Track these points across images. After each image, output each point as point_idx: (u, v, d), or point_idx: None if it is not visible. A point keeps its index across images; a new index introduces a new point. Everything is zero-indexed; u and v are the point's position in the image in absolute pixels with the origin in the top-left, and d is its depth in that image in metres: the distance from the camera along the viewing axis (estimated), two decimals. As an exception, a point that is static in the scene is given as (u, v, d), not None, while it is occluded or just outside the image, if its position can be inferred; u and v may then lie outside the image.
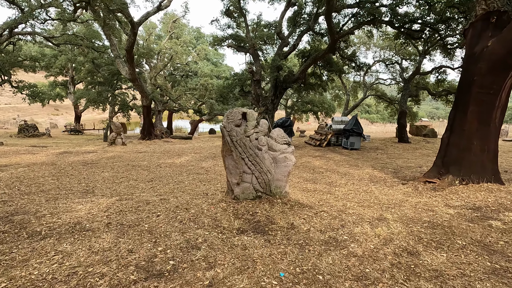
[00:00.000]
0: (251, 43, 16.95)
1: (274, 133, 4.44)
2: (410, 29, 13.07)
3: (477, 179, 5.39)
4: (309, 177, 7.92)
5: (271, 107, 17.60)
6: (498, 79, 5.05)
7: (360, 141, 13.28)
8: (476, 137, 5.41)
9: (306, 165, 9.94)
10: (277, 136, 4.40)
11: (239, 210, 3.95)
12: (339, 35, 13.95)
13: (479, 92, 5.24)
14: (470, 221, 3.92)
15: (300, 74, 17.13)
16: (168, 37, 25.00)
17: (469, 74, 5.43)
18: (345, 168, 9.34)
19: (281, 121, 13.10)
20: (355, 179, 7.74)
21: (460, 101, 5.65)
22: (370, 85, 24.20)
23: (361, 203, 4.75)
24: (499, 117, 5.47)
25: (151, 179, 7.29)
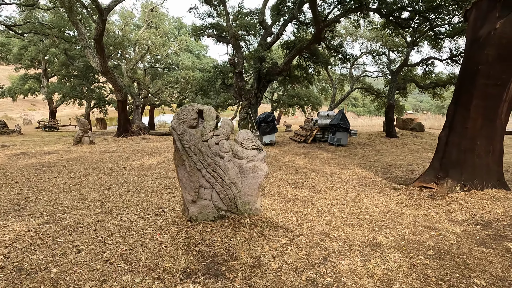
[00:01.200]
0: (231, 33, 15.84)
1: (240, 136, 3.51)
2: (398, 17, 12.32)
3: (480, 184, 4.66)
4: (291, 180, 7.07)
5: (254, 101, 16.64)
6: (507, 68, 4.28)
7: (347, 137, 12.55)
8: (480, 136, 4.66)
9: (289, 164, 9.09)
10: (244, 139, 3.47)
11: (193, 238, 3.02)
12: (325, 24, 13.06)
13: (485, 83, 4.46)
14: (483, 244, 3.15)
15: (284, 66, 16.20)
16: (145, 27, 23.43)
17: (472, 62, 4.64)
18: (331, 168, 8.55)
19: (264, 116, 12.18)
20: (342, 181, 6.94)
21: (461, 94, 4.88)
22: (356, 78, 23.55)
23: (348, 219, 3.90)
24: (506, 112, 4.73)
25: (109, 186, 6.26)
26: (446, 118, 5.24)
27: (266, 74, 16.52)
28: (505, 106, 4.64)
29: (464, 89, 4.82)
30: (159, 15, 26.86)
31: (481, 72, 4.49)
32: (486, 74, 4.45)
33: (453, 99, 5.10)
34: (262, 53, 14.93)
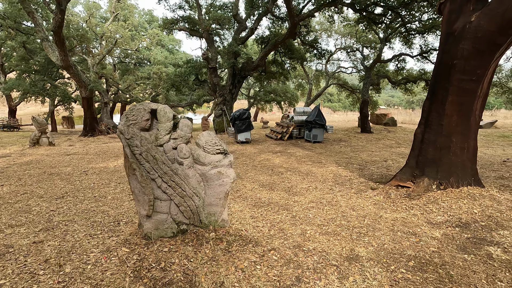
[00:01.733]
0: (204, 26, 15.17)
1: (202, 140, 3.07)
2: (372, 13, 12.31)
3: (456, 182, 4.56)
4: (266, 180, 6.73)
5: (229, 97, 16.14)
6: (483, 62, 4.16)
7: (323, 133, 12.43)
8: (456, 133, 4.55)
9: (265, 164, 8.75)
10: (206, 143, 3.03)
11: (146, 261, 2.57)
12: (299, 18, 12.79)
13: (461, 78, 4.33)
14: (464, 250, 2.96)
15: (260, 61, 15.82)
16: (112, 19, 22.02)
17: (448, 56, 4.50)
18: (307, 166, 8.32)
19: (238, 113, 11.74)
20: (318, 180, 6.71)
21: (436, 90, 4.74)
22: (332, 74, 23.68)
23: (325, 226, 3.61)
24: (480, 109, 4.65)
25: (63, 195, 5.59)
26: (421, 115, 5.11)
27: (241, 70, 16.06)
28: (479, 102, 4.55)
29: (440, 84, 4.68)
30: (128, 7, 25.40)
31: (457, 67, 4.35)
32: (461, 69, 4.31)
33: (428, 95, 4.96)
34: (236, 48, 14.43)
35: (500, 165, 7.52)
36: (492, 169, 7.12)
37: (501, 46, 4.01)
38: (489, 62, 4.18)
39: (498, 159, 8.50)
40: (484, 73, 4.26)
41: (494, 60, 4.20)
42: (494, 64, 4.34)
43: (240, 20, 16.23)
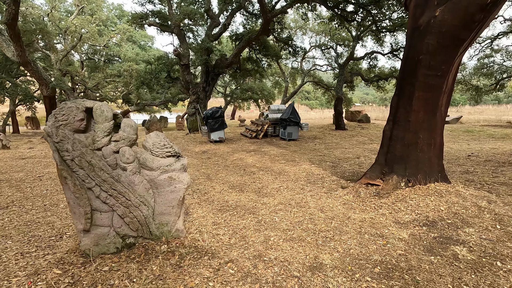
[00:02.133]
0: (174, 21, 14.57)
1: (149, 141, 2.73)
2: (344, 10, 12.35)
3: (424, 179, 4.52)
4: (237, 181, 6.45)
5: (203, 95, 15.67)
6: (447, 57, 4.11)
7: (298, 131, 12.34)
8: (423, 129, 4.50)
9: (237, 163, 8.47)
10: (154, 145, 2.70)
11: (79, 284, 2.20)
12: (272, 15, 12.58)
13: (426, 74, 4.27)
14: (431, 251, 2.85)
15: (234, 58, 15.46)
16: (77, 13, 20.71)
17: (414, 52, 4.43)
18: (280, 165, 8.13)
19: (211, 112, 11.35)
20: (290, 179, 6.53)
21: (404, 86, 4.67)
22: (307, 72, 23.79)
23: (290, 231, 3.39)
24: (445, 105, 4.63)
25: (9, 204, 5.01)
26: (390, 111, 5.04)
27: (214, 67, 15.63)
28: (445, 98, 4.52)
29: (406, 80, 4.61)
30: (95, 0, 24.03)
31: (422, 62, 4.28)
32: (427, 64, 4.25)
33: (396, 91, 4.89)
34: (209, 44, 13.99)
35: (465, 160, 7.73)
36: (458, 163, 7.29)
37: (465, 41, 3.98)
38: (454, 58, 4.14)
39: (464, 153, 8.76)
40: (448, 69, 4.22)
41: (458, 55, 4.17)
42: (458, 60, 4.32)
43: (212, 15, 15.77)
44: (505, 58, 18.59)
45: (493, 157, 7.75)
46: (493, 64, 18.84)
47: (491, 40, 16.95)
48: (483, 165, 6.90)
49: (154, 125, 12.48)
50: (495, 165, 6.79)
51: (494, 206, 3.81)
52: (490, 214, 3.59)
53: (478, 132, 15.44)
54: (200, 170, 7.68)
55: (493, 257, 2.71)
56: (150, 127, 12.30)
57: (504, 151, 8.61)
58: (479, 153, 8.55)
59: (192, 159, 9.14)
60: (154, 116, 12.59)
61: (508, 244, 2.92)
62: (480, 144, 11.06)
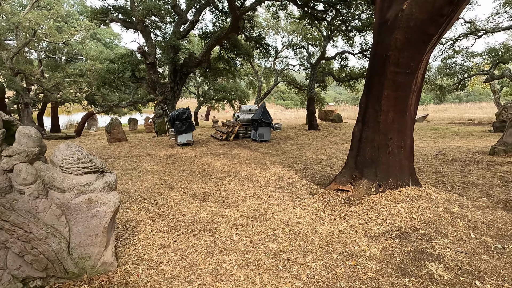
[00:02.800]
0: (137, 17, 13.66)
1: (58, 155, 2.14)
2: (314, 8, 12.16)
3: (394, 183, 4.26)
4: (200, 189, 5.91)
5: (170, 96, 14.87)
6: (416, 54, 3.86)
7: (270, 132, 11.97)
8: (393, 130, 4.24)
9: (204, 168, 7.90)
10: (64, 160, 2.11)
11: None
12: (241, 12, 12.12)
13: (395, 71, 4.00)
14: (405, 271, 2.50)
15: (203, 57, 14.81)
16: (31, 6, 18.97)
17: (382, 48, 4.15)
18: (250, 169, 7.69)
19: (177, 113, 10.66)
20: (258, 185, 6.10)
21: (372, 85, 4.39)
22: (280, 71, 23.60)
23: (248, 252, 2.92)
24: (415, 104, 4.41)
25: None
26: (359, 111, 4.75)
27: (182, 66, 14.88)
28: (414, 96, 4.29)
29: (375, 78, 4.32)
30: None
31: (391, 59, 4.00)
32: (395, 61, 3.98)
33: (364, 90, 4.60)
34: (175, 42, 13.24)
35: (434, 159, 7.72)
36: (427, 163, 7.23)
37: (433, 36, 3.74)
38: (422, 54, 3.89)
39: (431, 152, 8.81)
40: (418, 66, 3.97)
41: (426, 52, 3.93)
42: (427, 57, 4.09)
43: (180, 12, 15.01)
44: (465, 59, 19.50)
45: (460, 156, 7.81)
46: (455, 65, 19.70)
47: (453, 41, 17.67)
48: (451, 164, 6.88)
49: (116, 129, 11.54)
50: (462, 164, 6.79)
51: (466, 212, 3.59)
52: (463, 221, 3.35)
53: (444, 130, 15.99)
54: (162, 178, 7.04)
55: (471, 275, 2.42)
56: (111, 130, 11.36)
57: (469, 149, 8.76)
58: (446, 152, 8.63)
59: (156, 165, 8.44)
60: (115, 118, 11.64)
61: (485, 257, 2.66)
62: (446, 142, 11.31)
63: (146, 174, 7.39)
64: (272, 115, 38.50)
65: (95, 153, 10.16)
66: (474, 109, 34.64)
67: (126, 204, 5.11)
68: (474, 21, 15.78)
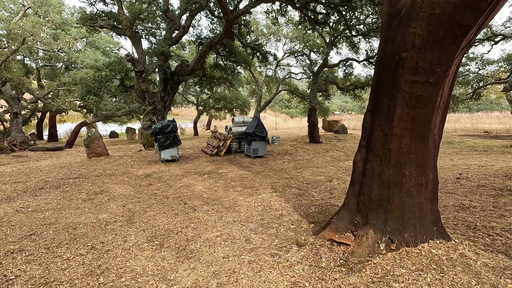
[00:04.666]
0: (125, 23, 12.79)
1: None
2: (313, 10, 11.09)
3: (413, 237, 3.01)
4: (165, 225, 4.74)
5: (160, 106, 13.85)
6: (444, 54, 2.67)
7: (265, 147, 10.78)
8: (410, 162, 3.02)
9: (181, 192, 6.75)
10: None
11: None
12: (234, 16, 11.11)
13: (413, 80, 2.81)
14: None
15: (196, 64, 13.82)
16: (23, 13, 18.42)
17: (393, 48, 2.98)
18: (234, 194, 6.50)
19: (160, 126, 9.57)
20: (238, 220, 4.91)
21: (380, 98, 3.20)
22: (281, 80, 22.53)
23: None
24: (439, 126, 3.18)
25: None
26: (362, 133, 3.53)
27: (174, 74, 13.90)
28: (439, 115, 3.07)
29: (384, 89, 3.13)
30: (51, 2, 21.78)
31: (406, 63, 2.82)
32: (412, 66, 2.79)
33: (369, 105, 3.40)
34: (163, 48, 12.27)
35: (455, 184, 6.41)
36: (447, 190, 5.93)
37: (470, 28, 2.55)
38: (452, 55, 2.70)
39: (450, 174, 7.49)
40: (445, 73, 2.77)
41: (459, 52, 2.74)
42: (459, 59, 2.90)
43: (172, 17, 14.12)
44: (480, 66, 18.15)
45: (487, 181, 6.48)
46: (469, 73, 18.34)
47: (467, 47, 16.38)
48: (478, 193, 5.58)
49: (96, 142, 10.50)
50: (492, 194, 5.48)
51: (528, 296, 2.32)
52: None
53: (459, 143, 14.57)
54: (127, 206, 5.89)
55: None
56: (89, 144, 10.31)
57: (495, 171, 7.41)
58: (468, 174, 7.30)
59: (127, 187, 7.31)
60: (94, 131, 10.61)
61: None
62: (465, 160, 9.95)
63: (110, 201, 6.25)
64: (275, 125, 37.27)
65: (66, 170, 9.10)
66: (487, 119, 32.95)
67: (62, 249, 3.97)
68: (490, 25, 14.52)
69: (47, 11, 23.42)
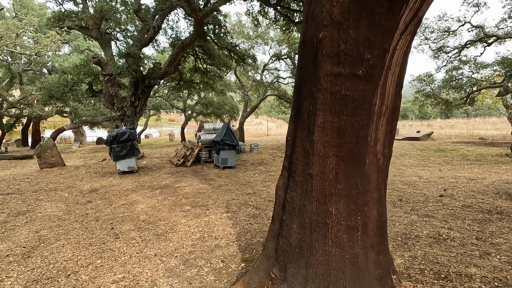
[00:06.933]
0: (87, 21, 11.92)
1: None
2: (288, 8, 10.23)
3: (344, 306, 2.01)
4: (59, 265, 3.73)
5: (130, 112, 12.88)
6: (376, 32, 1.71)
7: (235, 156, 9.79)
8: (337, 194, 2.04)
9: (116, 213, 5.75)
10: None
11: None
12: (203, 14, 10.24)
13: (335, 73, 1.85)
14: None
15: (168, 67, 12.90)
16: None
17: (312, 27, 2.03)
18: (179, 215, 5.53)
19: (115, 134, 8.60)
20: (163, 253, 3.95)
21: (302, 100, 2.24)
22: (268, 84, 21.64)
23: None
24: (385, 140, 2.20)
25: None
26: (286, 150, 2.55)
27: (145, 78, 12.98)
28: (381, 126, 2.09)
29: (305, 88, 2.17)
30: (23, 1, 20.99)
31: (325, 47, 1.86)
32: (333, 51, 1.83)
33: (292, 111, 2.43)
34: (131, 50, 11.37)
35: (436, 204, 5.42)
36: (426, 213, 4.94)
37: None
38: (391, 32, 1.74)
39: (434, 189, 6.50)
40: (381, 60, 1.81)
41: (401, 29, 1.77)
42: (405, 41, 1.92)
43: (144, 17, 13.25)
44: (473, 70, 17.28)
45: (474, 199, 5.49)
46: (462, 77, 17.47)
47: (459, 49, 15.52)
48: (462, 217, 4.58)
49: (48, 152, 9.50)
50: (478, 219, 4.49)
51: None
52: None
53: (451, 151, 13.58)
54: (41, 232, 4.89)
55: None
56: (41, 154, 9.32)
57: (485, 186, 6.42)
58: (454, 190, 6.31)
59: (60, 206, 6.31)
60: (47, 139, 9.63)
61: None
62: (454, 171, 8.96)
63: (27, 224, 5.25)
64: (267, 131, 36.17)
65: (4, 184, 8.09)
66: (483, 124, 32.06)
67: None
68: (483, 26, 13.69)
69: (27, 14, 22.65)
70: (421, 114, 56.46)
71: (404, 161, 11.21)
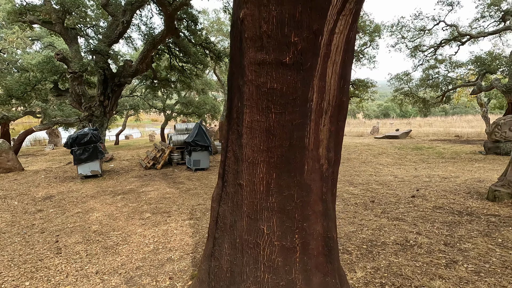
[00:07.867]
0: (54, 17, 11.15)
1: None
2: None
3: None
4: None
5: (99, 112, 12.18)
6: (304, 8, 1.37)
7: (208, 158, 9.36)
8: (269, 209, 1.69)
9: (67, 223, 5.21)
10: None
11: None
12: (173, 8, 9.74)
13: (259, 60, 1.50)
14: None
15: (139, 64, 12.29)
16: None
17: (236, 7, 1.68)
18: (136, 223, 5.06)
19: (75, 136, 7.99)
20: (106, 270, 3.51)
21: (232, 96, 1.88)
22: (249, 83, 21.25)
23: None
24: (329, 142, 1.86)
25: None
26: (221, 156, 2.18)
27: (114, 76, 12.32)
28: (324, 126, 1.75)
29: (234, 81, 1.80)
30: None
31: (247, 29, 1.50)
32: (255, 34, 1.47)
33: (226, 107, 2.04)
34: (97, 46, 10.70)
35: (408, 205, 5.21)
36: (396, 215, 4.71)
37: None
38: (324, 8, 1.39)
39: (407, 190, 6.32)
40: (312, 44, 1.46)
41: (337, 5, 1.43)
42: (344, 23, 1.58)
43: (113, 12, 12.56)
44: (449, 69, 17.57)
45: (445, 200, 5.33)
46: (438, 75, 17.73)
47: (434, 48, 15.70)
48: (431, 220, 4.37)
49: (4, 156, 8.74)
50: (448, 221, 4.29)
51: None
52: None
53: (427, 149, 13.68)
54: (-30, 249, 4.30)
55: None
56: (-6, 158, 8.54)
57: (457, 186, 6.31)
58: (426, 189, 6.15)
59: (5, 216, 5.69)
60: (1, 142, 8.87)
61: None
62: (429, 170, 8.90)
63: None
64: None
65: None
66: (460, 122, 33.02)
67: None
68: (457, 25, 13.87)
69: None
70: (402, 113, 57.68)
71: (382, 160, 11.13)
